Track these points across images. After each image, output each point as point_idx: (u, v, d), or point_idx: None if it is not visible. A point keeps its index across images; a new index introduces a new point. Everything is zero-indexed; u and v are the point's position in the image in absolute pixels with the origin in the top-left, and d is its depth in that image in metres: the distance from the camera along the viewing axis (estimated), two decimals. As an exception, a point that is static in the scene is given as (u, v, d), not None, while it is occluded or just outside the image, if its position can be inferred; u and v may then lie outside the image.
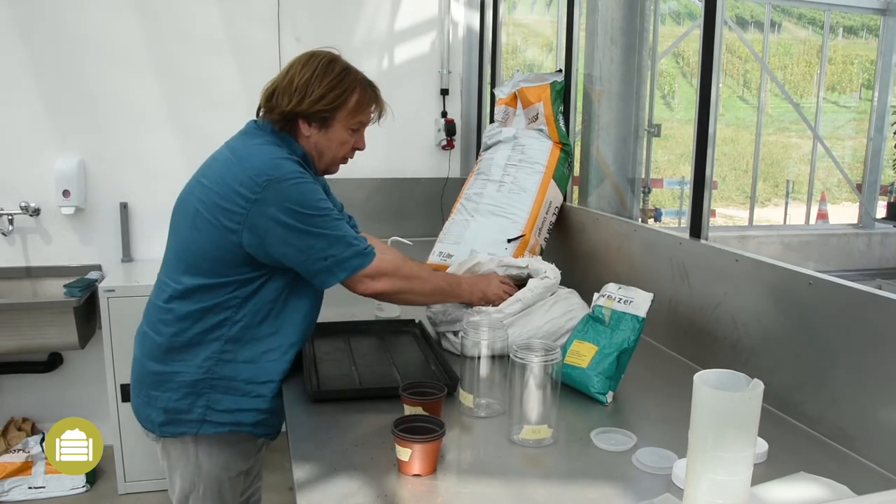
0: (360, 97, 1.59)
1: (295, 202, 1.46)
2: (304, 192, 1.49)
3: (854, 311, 1.30)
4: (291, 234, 1.47)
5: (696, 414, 0.91)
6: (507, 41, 4.11)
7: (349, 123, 1.60)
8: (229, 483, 1.65)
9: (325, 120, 1.58)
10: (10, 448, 2.98)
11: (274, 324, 1.58)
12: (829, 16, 6.86)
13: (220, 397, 1.56)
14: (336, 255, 1.50)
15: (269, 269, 1.53)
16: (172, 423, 1.58)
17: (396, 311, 2.08)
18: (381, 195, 3.39)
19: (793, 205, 9.12)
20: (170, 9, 3.15)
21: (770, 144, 11.05)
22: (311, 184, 1.52)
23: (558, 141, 2.51)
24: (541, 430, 1.29)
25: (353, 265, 1.52)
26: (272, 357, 1.58)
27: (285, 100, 1.55)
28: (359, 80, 1.60)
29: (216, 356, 1.55)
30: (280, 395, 1.59)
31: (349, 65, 1.62)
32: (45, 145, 3.09)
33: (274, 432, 1.68)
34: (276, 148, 1.55)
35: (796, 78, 12.69)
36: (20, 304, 2.96)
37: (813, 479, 1.14)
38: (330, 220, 1.51)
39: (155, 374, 1.58)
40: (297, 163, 1.54)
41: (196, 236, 1.53)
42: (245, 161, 1.51)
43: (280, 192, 1.46)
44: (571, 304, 1.77)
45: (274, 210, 1.45)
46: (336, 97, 1.56)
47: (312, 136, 1.59)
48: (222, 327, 1.54)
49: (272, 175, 1.46)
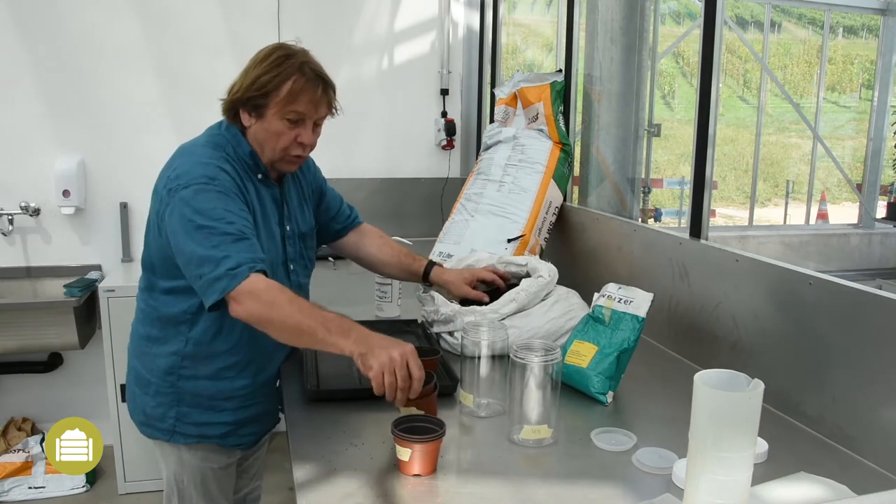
0: (294, 85, 1.47)
1: (189, 209, 1.39)
2: (201, 199, 1.40)
3: (854, 311, 1.30)
4: (178, 246, 1.41)
5: (696, 414, 0.91)
6: (507, 41, 4.10)
7: (283, 112, 1.49)
8: (213, 475, 1.65)
9: (259, 108, 1.50)
10: (10, 448, 2.98)
11: (227, 341, 1.55)
12: (829, 16, 6.86)
13: (188, 410, 1.59)
14: (206, 275, 1.36)
15: None
16: (149, 426, 1.62)
17: (397, 312, 2.08)
18: (380, 195, 3.39)
19: (793, 205, 9.11)
20: (170, 9, 3.15)
21: (770, 144, 11.05)
22: (214, 191, 1.42)
23: (558, 141, 2.52)
24: (541, 430, 1.29)
25: (220, 287, 1.34)
26: (229, 374, 1.58)
27: (232, 90, 1.53)
28: (298, 68, 1.48)
29: (176, 371, 1.57)
30: (248, 407, 1.62)
31: (296, 54, 1.51)
32: (45, 145, 3.09)
33: (247, 442, 1.69)
34: (210, 150, 1.51)
35: (796, 78, 12.69)
36: (20, 304, 2.96)
37: (813, 479, 1.14)
38: (214, 233, 1.37)
39: (136, 372, 1.63)
40: (219, 167, 1.46)
41: (147, 235, 1.57)
42: (173, 162, 1.53)
43: (182, 197, 1.41)
44: (571, 304, 1.77)
45: (174, 217, 1.41)
46: (267, 82, 1.47)
47: (252, 127, 1.53)
48: (176, 341, 1.55)
49: (181, 180, 1.43)
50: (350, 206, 1.92)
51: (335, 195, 1.87)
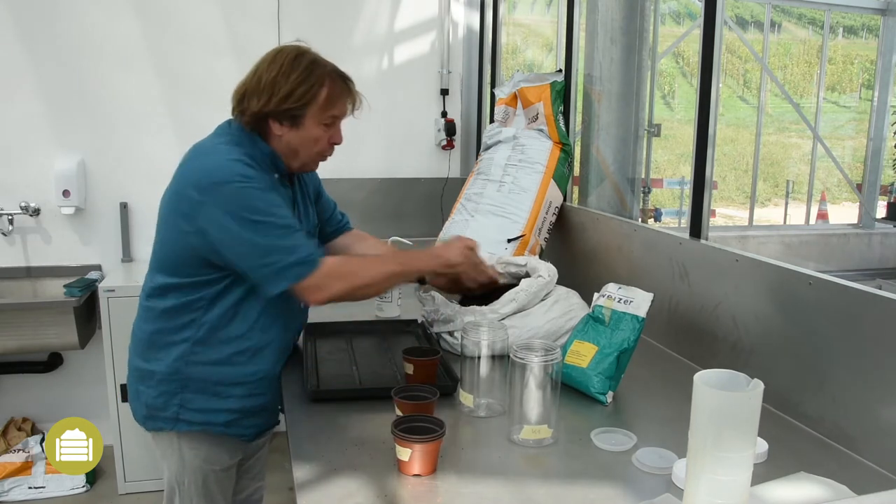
0: (329, 90, 1.53)
1: (237, 205, 1.42)
2: (247, 196, 1.44)
3: (854, 311, 1.30)
4: (234, 239, 1.43)
5: (696, 414, 0.91)
6: (507, 41, 4.10)
7: (321, 118, 1.54)
8: (214, 476, 1.65)
9: (296, 118, 1.52)
10: (10, 448, 2.98)
11: (240, 326, 1.56)
12: (829, 16, 6.85)
13: (192, 397, 1.58)
14: (276, 263, 1.43)
15: (232, 271, 1.50)
16: (152, 419, 1.61)
17: (397, 312, 2.08)
18: (380, 195, 3.39)
19: (793, 205, 9.11)
20: (170, 9, 3.15)
21: (770, 144, 11.05)
22: (256, 188, 1.46)
23: (558, 141, 2.52)
24: (541, 430, 1.29)
25: (294, 273, 1.44)
26: (241, 359, 1.57)
27: (254, 101, 1.51)
28: (328, 72, 1.53)
29: (185, 357, 1.56)
30: (256, 396, 1.61)
31: (318, 57, 1.55)
32: (45, 145, 3.08)
33: (250, 434, 1.68)
34: (233, 148, 1.51)
35: (796, 78, 12.69)
36: (20, 304, 2.96)
37: (813, 479, 1.14)
38: (273, 226, 1.45)
39: (138, 370, 1.62)
40: (249, 165, 1.48)
41: (164, 236, 1.55)
42: (196, 162, 1.51)
43: (223, 196, 1.43)
44: (571, 304, 1.77)
45: (218, 213, 1.43)
46: (304, 93, 1.50)
47: (285, 136, 1.54)
48: (190, 328, 1.55)
49: (216, 178, 1.44)
50: (342, 212, 1.94)
51: (329, 198, 1.90)
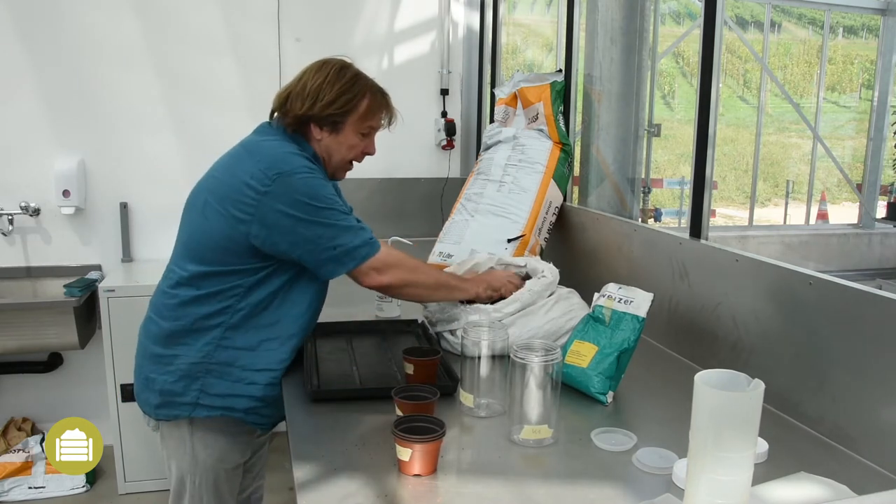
0: (370, 102, 1.64)
1: (304, 194, 1.51)
2: (313, 185, 1.53)
3: (854, 311, 1.30)
4: (300, 225, 1.50)
5: (697, 414, 0.91)
6: (507, 41, 4.10)
7: (359, 128, 1.65)
8: (225, 475, 1.66)
9: (336, 124, 1.63)
10: (10, 448, 2.98)
11: (275, 314, 1.61)
12: (829, 16, 6.85)
13: (215, 381, 1.59)
14: (345, 245, 1.54)
15: (274, 261, 1.56)
16: (167, 406, 1.61)
17: (397, 312, 2.08)
18: (381, 195, 3.39)
19: (793, 205, 9.12)
20: (170, 9, 3.15)
21: (770, 144, 11.05)
22: (319, 178, 1.56)
23: (558, 141, 2.52)
24: (541, 430, 1.29)
25: (361, 254, 1.56)
26: (271, 346, 1.60)
27: (298, 104, 1.60)
28: (369, 86, 1.66)
29: (215, 342, 1.58)
30: (275, 386, 1.60)
31: (360, 71, 1.67)
32: (45, 145, 3.08)
33: (267, 424, 1.69)
34: (287, 143, 1.60)
35: (796, 78, 12.69)
36: (20, 304, 2.96)
37: (813, 479, 1.14)
38: (337, 212, 1.55)
39: (156, 356, 1.62)
40: (307, 159, 1.58)
41: (205, 226, 1.56)
42: (256, 154, 1.56)
43: (289, 185, 1.50)
44: (571, 304, 1.77)
45: (283, 202, 1.49)
46: (347, 101, 1.61)
47: (323, 140, 1.64)
48: (224, 314, 1.57)
49: (282, 169, 1.51)
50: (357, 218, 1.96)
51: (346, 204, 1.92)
